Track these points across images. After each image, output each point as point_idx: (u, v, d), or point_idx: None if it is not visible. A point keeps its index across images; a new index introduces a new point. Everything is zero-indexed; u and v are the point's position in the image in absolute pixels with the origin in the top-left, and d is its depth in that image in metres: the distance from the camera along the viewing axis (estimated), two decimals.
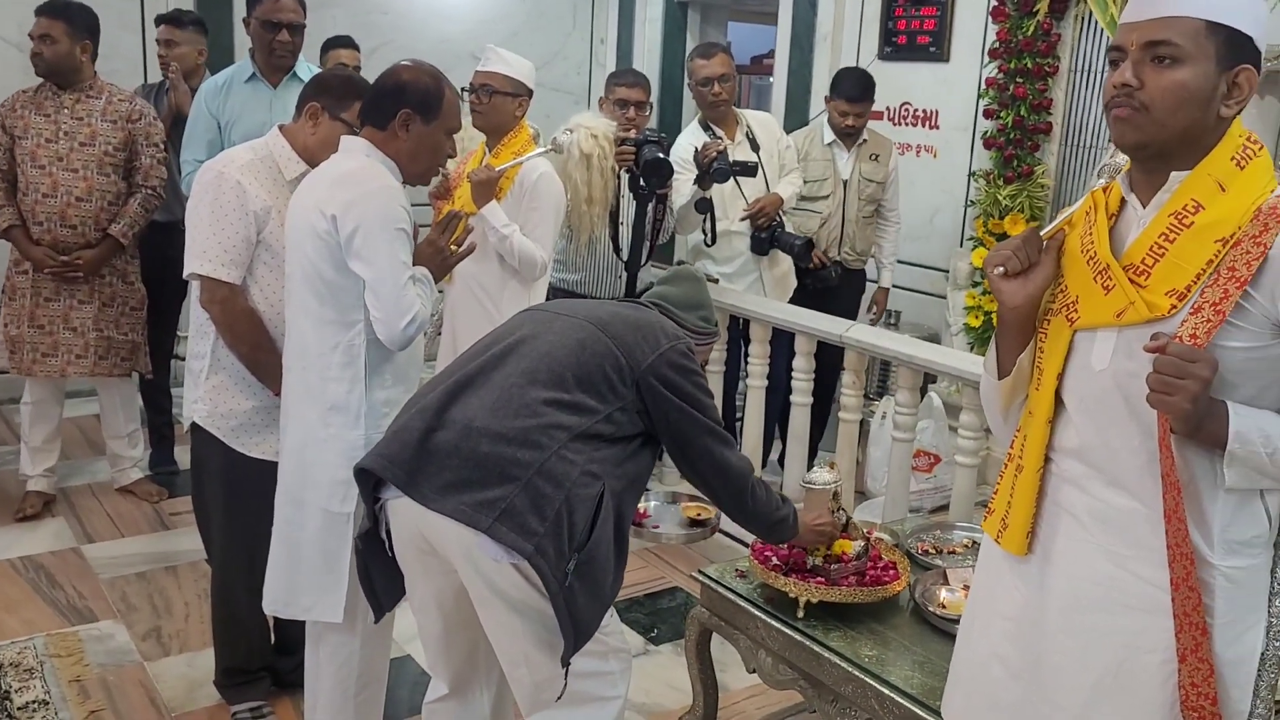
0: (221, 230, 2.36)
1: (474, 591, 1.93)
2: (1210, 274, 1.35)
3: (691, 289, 2.25)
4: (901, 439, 3.20)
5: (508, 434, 1.86)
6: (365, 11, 5.51)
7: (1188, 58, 1.36)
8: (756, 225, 3.94)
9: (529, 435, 1.87)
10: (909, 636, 2.29)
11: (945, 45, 4.70)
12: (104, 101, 3.66)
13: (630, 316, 2.07)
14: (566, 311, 2.07)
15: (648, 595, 3.48)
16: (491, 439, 1.86)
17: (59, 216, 3.57)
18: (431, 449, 1.89)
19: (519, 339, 2.00)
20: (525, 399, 1.90)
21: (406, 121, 2.20)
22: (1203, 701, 1.36)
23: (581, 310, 2.07)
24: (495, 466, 1.85)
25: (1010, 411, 1.61)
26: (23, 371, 3.68)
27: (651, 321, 2.07)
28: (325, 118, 2.43)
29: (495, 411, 1.89)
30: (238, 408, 2.47)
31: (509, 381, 1.93)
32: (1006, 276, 1.49)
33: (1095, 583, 1.45)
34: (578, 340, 1.97)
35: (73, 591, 3.31)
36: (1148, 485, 1.39)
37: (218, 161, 2.42)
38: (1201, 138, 1.39)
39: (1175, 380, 1.29)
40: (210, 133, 3.51)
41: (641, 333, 2.02)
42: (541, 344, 1.97)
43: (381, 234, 2.13)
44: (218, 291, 2.38)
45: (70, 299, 3.65)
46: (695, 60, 3.94)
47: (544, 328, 2.02)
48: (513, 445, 1.86)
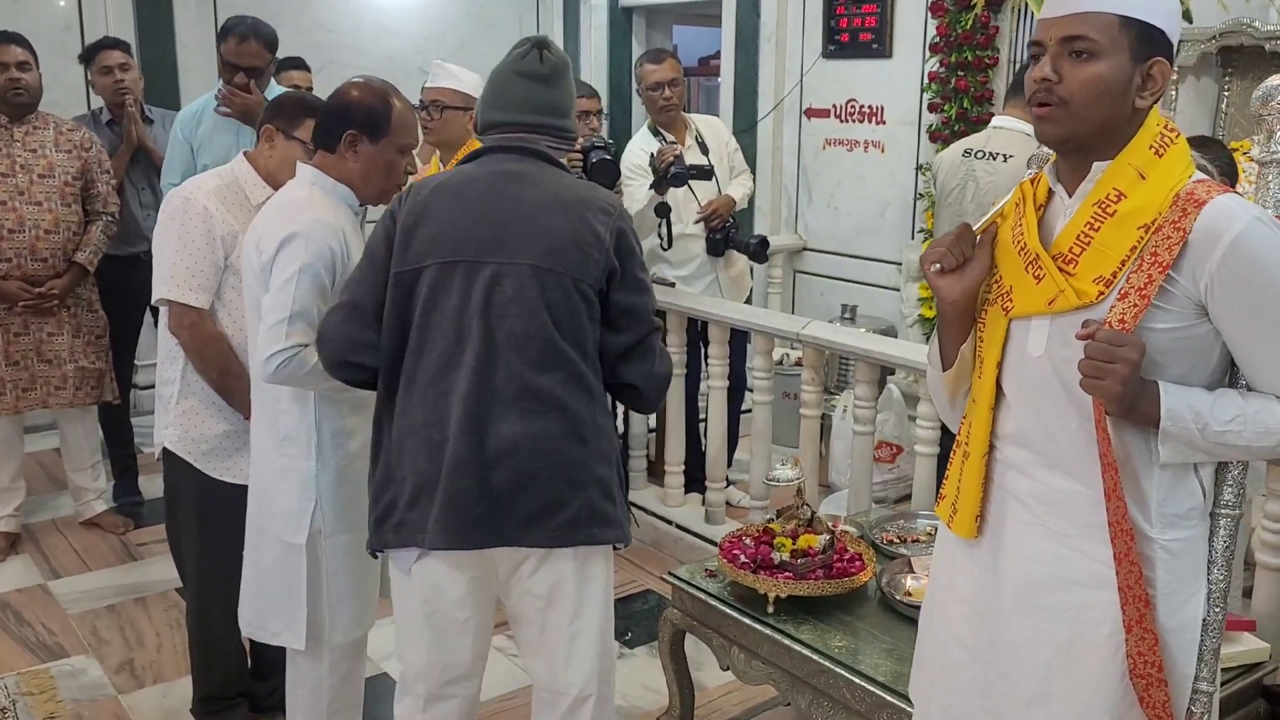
0: (189, 255, 2.38)
1: (564, 593, 1.97)
2: (1134, 260, 1.40)
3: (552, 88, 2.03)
4: (862, 432, 3.25)
5: (548, 442, 1.88)
6: (310, 30, 5.49)
7: (1103, 52, 1.41)
8: (711, 227, 3.98)
9: (566, 430, 1.90)
10: (877, 625, 2.34)
11: (887, 41, 4.78)
12: (53, 132, 3.67)
13: (558, 236, 1.91)
14: (505, 276, 1.89)
15: (620, 600, 3.51)
16: (538, 455, 1.88)
17: (29, 250, 3.57)
18: (497, 495, 1.87)
19: (487, 328, 1.88)
20: (542, 393, 1.88)
21: (354, 142, 2.19)
22: (1149, 669, 1.42)
23: (515, 270, 1.89)
24: (561, 481, 1.90)
25: (957, 401, 1.66)
26: (6, 410, 3.65)
27: (578, 228, 1.92)
28: (280, 138, 2.46)
29: (526, 423, 1.87)
30: (208, 432, 2.47)
31: (516, 384, 1.87)
32: (943, 273, 1.54)
33: (1044, 563, 1.50)
34: (543, 302, 1.88)
35: (42, 628, 3.28)
36: (1087, 466, 1.44)
37: (184, 188, 2.45)
38: (1120, 128, 1.44)
39: (1105, 365, 1.35)
40: (185, 160, 3.53)
41: (582, 249, 1.90)
42: (516, 324, 1.87)
43: (289, 268, 2.09)
44: (185, 316, 2.40)
45: (40, 331, 3.64)
46: (644, 65, 3.98)
47: (502, 308, 1.88)
48: (560, 449, 1.89)
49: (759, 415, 3.56)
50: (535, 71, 1.98)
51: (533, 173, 1.96)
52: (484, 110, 2.03)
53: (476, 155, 2.01)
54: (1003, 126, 3.33)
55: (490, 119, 2.01)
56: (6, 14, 4.57)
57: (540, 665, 2.05)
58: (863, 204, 4.99)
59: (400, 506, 1.91)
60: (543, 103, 1.99)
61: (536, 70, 1.98)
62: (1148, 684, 1.42)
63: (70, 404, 3.74)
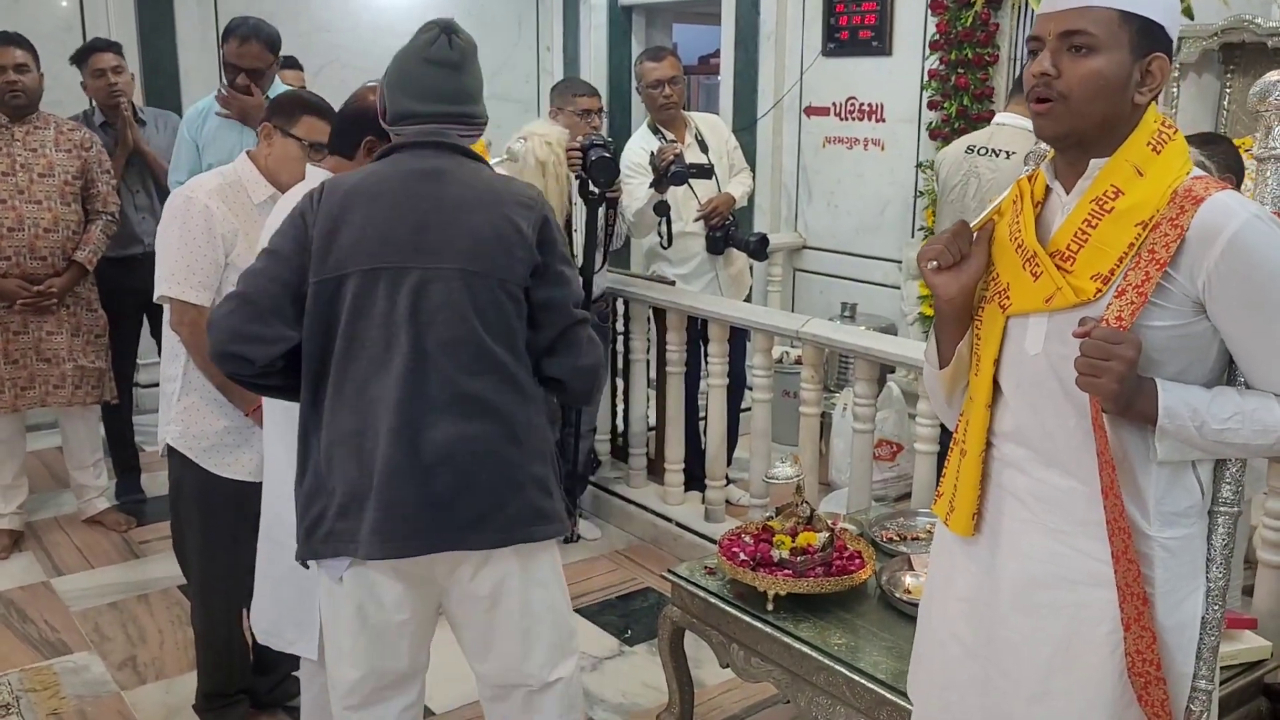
0: (190, 253, 2.40)
1: (509, 590, 1.94)
2: (1132, 257, 1.40)
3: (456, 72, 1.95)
4: (862, 430, 3.25)
5: (484, 445, 1.86)
6: (309, 31, 5.49)
7: (1102, 47, 1.41)
8: (710, 225, 3.99)
9: (502, 433, 1.87)
10: (877, 623, 2.34)
11: (887, 39, 4.77)
12: (54, 131, 3.68)
13: (481, 236, 1.87)
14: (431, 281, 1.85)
15: (620, 597, 3.51)
16: (475, 459, 1.85)
17: (28, 249, 3.57)
18: (435, 502, 1.84)
19: (416, 335, 1.83)
20: (475, 397, 1.85)
21: (371, 148, 2.17)
22: (1148, 667, 1.42)
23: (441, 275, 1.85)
24: (499, 482, 1.88)
25: (953, 398, 1.66)
26: (5, 409, 3.65)
27: (500, 226, 1.88)
28: (278, 136, 2.48)
29: (460, 428, 1.84)
30: (210, 428, 2.49)
31: (448, 390, 1.83)
32: (939, 270, 1.54)
33: (1041, 560, 1.51)
34: (471, 306, 1.85)
35: (45, 625, 3.29)
36: (1084, 464, 1.44)
37: (186, 186, 2.47)
38: (1118, 125, 1.44)
39: (1101, 362, 1.35)
40: (192, 158, 3.57)
41: (506, 248, 1.88)
42: (445, 330, 1.84)
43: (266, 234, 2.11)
44: (186, 314, 2.42)
45: (39, 330, 3.65)
46: (644, 64, 3.98)
47: (430, 314, 1.84)
48: (496, 451, 1.87)
49: (758, 413, 3.56)
50: (445, 58, 1.90)
51: (449, 169, 1.91)
52: (394, 100, 1.93)
53: (388, 152, 1.94)
54: (1006, 124, 3.33)
55: (403, 109, 1.92)
56: (7, 14, 4.57)
57: (491, 665, 2.01)
58: (863, 202, 4.99)
59: (329, 516, 1.86)
60: (456, 91, 1.92)
61: (446, 56, 1.90)
62: (1146, 682, 1.42)
63: (69, 403, 3.75)
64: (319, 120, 2.48)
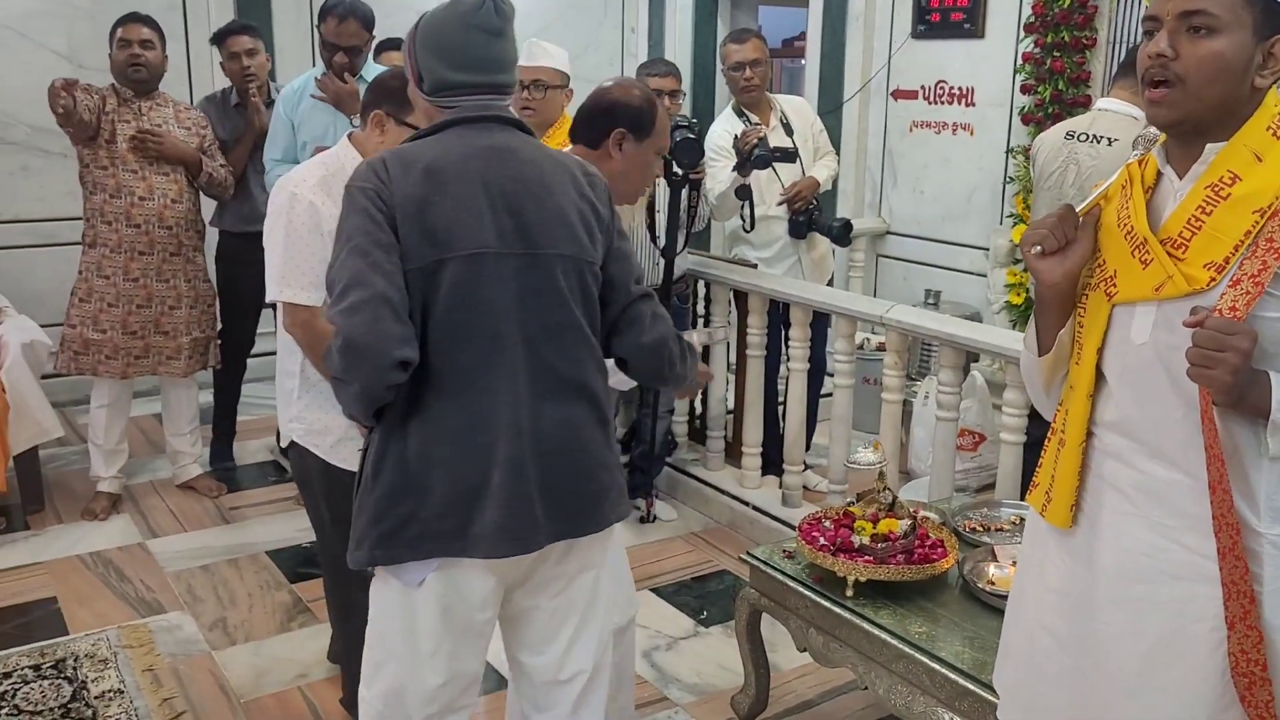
0: (297, 253, 2.32)
1: (588, 577, 1.92)
2: (1248, 245, 1.36)
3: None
4: (945, 418, 3.21)
5: (585, 431, 1.84)
6: (394, 11, 5.53)
7: (1224, 27, 1.36)
8: (794, 209, 3.96)
9: (596, 416, 1.86)
10: (958, 613, 2.32)
11: (980, 21, 4.67)
12: (173, 110, 3.84)
13: (568, 217, 1.82)
14: (533, 266, 1.79)
15: (695, 579, 3.53)
16: (580, 446, 1.83)
17: (156, 218, 3.73)
18: (552, 493, 1.80)
19: (523, 322, 1.78)
20: (576, 383, 1.83)
21: (620, 141, 2.18)
22: (1253, 667, 1.38)
23: (541, 260, 1.80)
24: (599, 466, 1.86)
25: (1052, 387, 1.63)
26: (115, 374, 3.80)
27: (580, 205, 1.84)
28: (392, 124, 2.35)
29: (566, 415, 1.82)
30: (333, 424, 2.39)
31: (554, 377, 1.80)
32: (1043, 255, 1.51)
33: (1142, 554, 1.47)
34: (569, 289, 1.81)
35: (141, 585, 3.42)
36: (1191, 457, 1.40)
37: (290, 181, 2.38)
38: (1237, 109, 1.39)
39: (1214, 353, 1.31)
40: (286, 136, 3.68)
41: (588, 229, 1.84)
42: (549, 316, 1.80)
43: None
44: (298, 315, 2.35)
45: (161, 304, 3.79)
46: (728, 46, 3.96)
47: (535, 299, 1.79)
48: (594, 436, 1.85)
49: (839, 399, 3.54)
50: (491, 24, 1.78)
51: (518, 146, 1.83)
52: (432, 70, 1.80)
53: (444, 126, 1.81)
54: (1108, 109, 3.24)
55: (446, 79, 1.80)
56: None
57: (549, 655, 1.95)
58: (949, 188, 4.91)
59: (423, 517, 1.75)
60: (500, 60, 1.82)
61: (492, 23, 1.78)
62: (1250, 682, 1.38)
63: (184, 374, 3.91)
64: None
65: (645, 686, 2.88)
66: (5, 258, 4.78)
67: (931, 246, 5.01)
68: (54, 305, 4.66)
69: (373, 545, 1.78)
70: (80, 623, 3.17)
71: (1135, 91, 3.13)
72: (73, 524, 3.83)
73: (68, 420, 4.70)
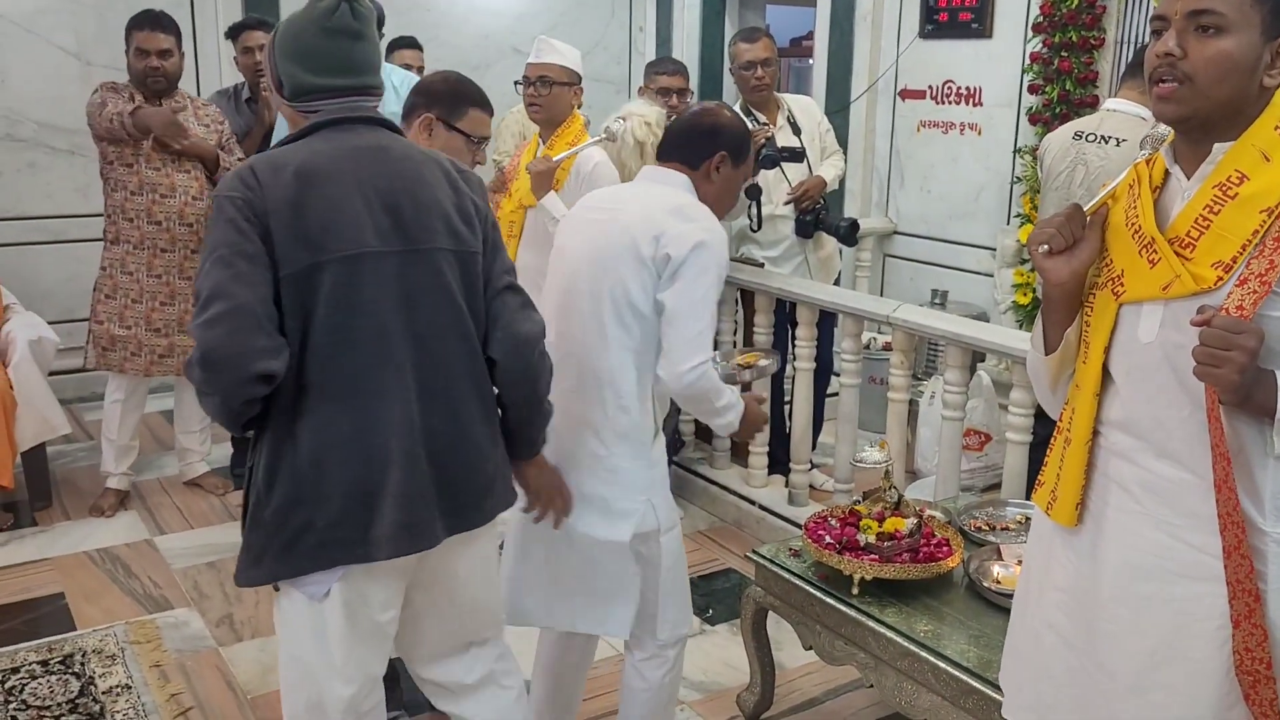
0: None
1: (484, 559, 2.01)
2: (1256, 245, 1.36)
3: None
4: (952, 417, 3.21)
5: (475, 427, 1.89)
6: (409, 9, 5.58)
7: (1232, 27, 1.36)
8: (801, 208, 3.96)
9: (483, 411, 1.91)
10: (964, 611, 2.32)
11: (988, 21, 4.67)
12: (191, 108, 3.85)
13: (445, 211, 1.84)
14: (415, 263, 1.79)
15: (702, 577, 3.53)
16: (470, 440, 1.89)
17: (178, 215, 3.73)
18: (447, 488, 1.85)
19: (409, 321, 1.79)
20: (465, 378, 1.86)
21: (719, 164, 2.20)
22: (1258, 666, 1.38)
23: (423, 256, 1.80)
24: (486, 459, 1.94)
25: (1058, 385, 1.63)
26: (138, 371, 3.81)
27: (456, 198, 1.86)
28: (441, 128, 2.28)
29: (456, 410, 1.86)
30: None
31: (444, 375, 1.83)
32: (1051, 254, 1.51)
33: (1147, 552, 1.47)
34: (454, 285, 1.83)
35: (148, 581, 3.43)
36: (1198, 455, 1.40)
37: None
38: (1245, 108, 1.39)
39: (1221, 352, 1.31)
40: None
41: (467, 221, 1.85)
42: (435, 313, 1.81)
43: (702, 277, 2.06)
44: None
45: (185, 301, 3.79)
46: (738, 45, 3.96)
47: (419, 297, 1.79)
48: (483, 431, 1.91)
49: (845, 398, 3.54)
50: (348, 27, 1.78)
51: (388, 144, 1.82)
52: (293, 75, 1.79)
53: (310, 130, 1.79)
54: (1116, 109, 3.24)
55: (306, 84, 1.79)
56: None
57: (445, 639, 1.99)
58: (956, 187, 4.91)
59: (322, 525, 1.71)
60: (363, 62, 1.81)
61: (349, 26, 1.78)
62: (1255, 681, 1.38)
63: None
64: (484, 114, 2.33)
65: None
66: (13, 255, 4.79)
67: (938, 246, 5.01)
68: (61, 302, 4.70)
69: (273, 560, 1.74)
70: (88, 619, 3.19)
71: (1143, 92, 3.13)
72: (80, 520, 3.84)
73: (75, 417, 4.72)
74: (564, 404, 2.12)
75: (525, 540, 2.26)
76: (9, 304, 4.07)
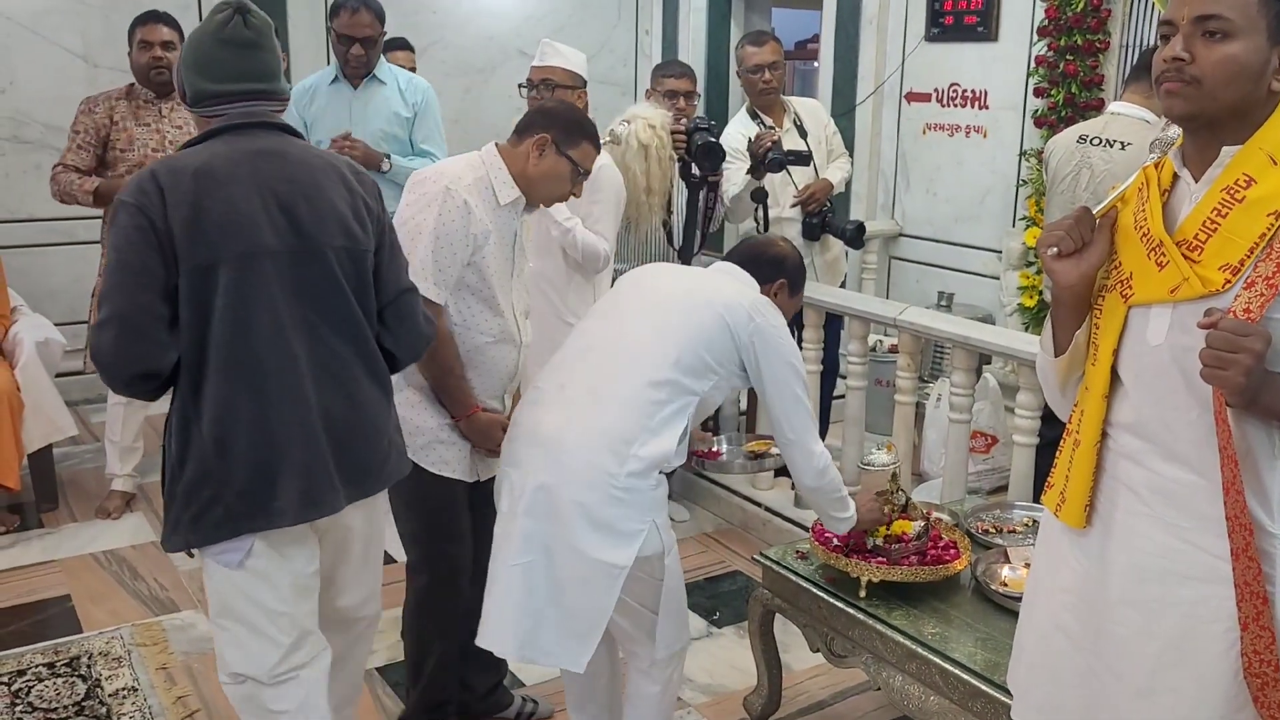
0: (442, 250, 2.28)
1: (378, 527, 2.20)
2: (1263, 248, 1.36)
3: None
4: (958, 420, 3.21)
5: (371, 406, 2.07)
6: (414, 11, 5.60)
7: (1239, 31, 1.37)
8: (808, 211, 3.96)
9: (379, 392, 2.09)
10: (971, 614, 2.32)
11: (993, 24, 4.67)
12: (185, 108, 3.80)
13: (339, 211, 1.99)
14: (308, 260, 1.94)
15: (708, 579, 3.53)
16: (366, 417, 2.07)
17: None
18: (343, 460, 2.02)
19: (303, 313, 1.95)
20: (357, 362, 2.03)
21: (780, 289, 2.37)
22: (1266, 668, 1.38)
23: (317, 253, 1.96)
24: (382, 432, 2.11)
25: (1067, 388, 1.63)
26: None
27: (351, 199, 2.03)
28: (552, 151, 2.37)
29: (351, 391, 2.06)
30: (426, 424, 2.38)
31: (338, 360, 2.01)
32: (1060, 256, 1.51)
33: (1155, 555, 1.47)
34: (345, 280, 1.99)
35: (154, 583, 3.44)
36: (1206, 458, 1.41)
37: (443, 176, 2.33)
38: (1252, 112, 1.40)
39: (1228, 355, 1.31)
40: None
41: (360, 221, 2.01)
42: (327, 305, 1.98)
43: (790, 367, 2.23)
44: (428, 310, 2.25)
45: None
46: (746, 48, 3.97)
47: (313, 291, 1.95)
48: (379, 409, 2.11)
49: (852, 401, 3.54)
50: (240, 38, 1.93)
51: (285, 149, 1.96)
52: (193, 83, 1.94)
53: (210, 135, 1.93)
54: (1121, 113, 3.24)
55: (203, 90, 1.94)
56: None
57: (351, 596, 2.17)
58: (962, 190, 4.91)
59: (227, 500, 1.87)
60: (256, 70, 1.95)
61: (242, 36, 1.93)
62: (1263, 683, 1.38)
63: None
64: (594, 150, 2.44)
65: None
66: (20, 256, 4.80)
67: (944, 249, 5.01)
68: (68, 303, 4.71)
69: (186, 529, 1.91)
70: (94, 621, 3.19)
71: (1147, 95, 3.13)
72: (87, 522, 3.85)
73: (82, 419, 4.73)
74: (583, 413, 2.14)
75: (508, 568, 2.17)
76: (16, 305, 4.08)
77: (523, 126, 2.43)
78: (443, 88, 5.19)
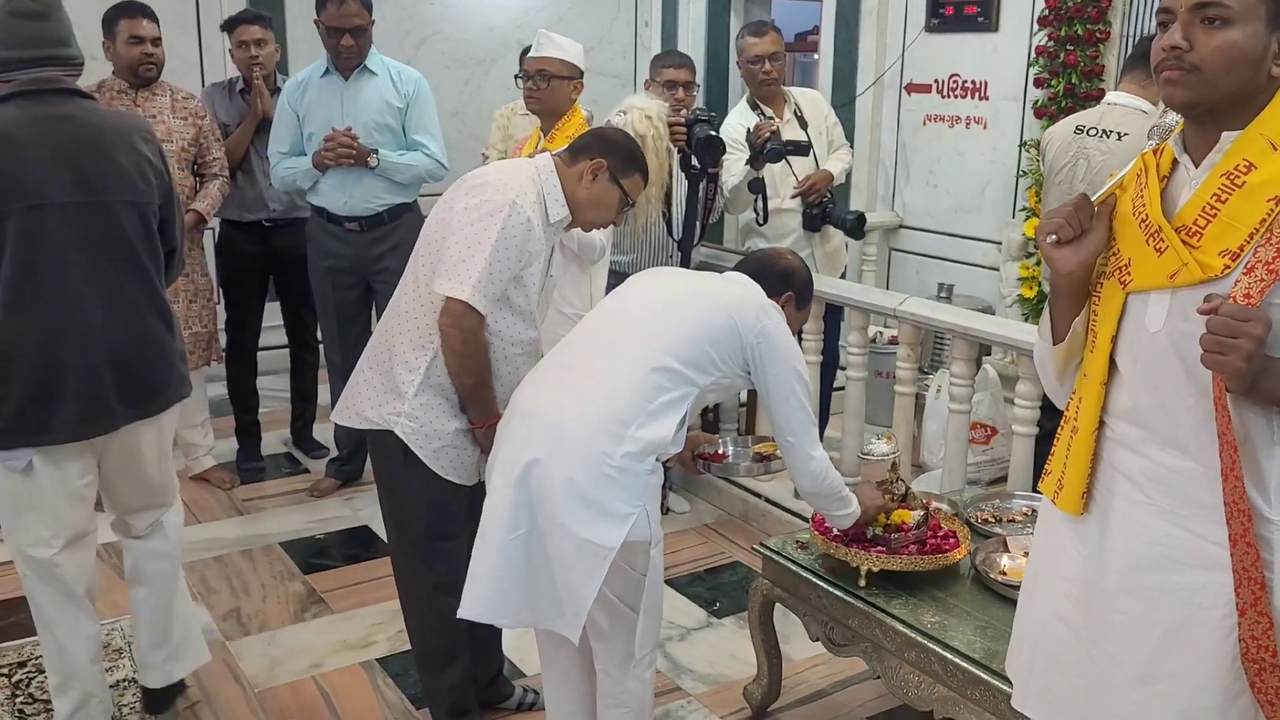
0: (497, 261, 2.26)
1: (162, 441, 2.58)
2: (1263, 233, 1.36)
3: None
4: (958, 410, 3.21)
5: (151, 337, 2.43)
6: (414, 2, 5.59)
7: (1238, 18, 1.36)
8: (808, 202, 3.96)
9: (161, 326, 2.45)
10: (970, 603, 2.32)
11: (994, 15, 4.66)
12: (169, 99, 3.80)
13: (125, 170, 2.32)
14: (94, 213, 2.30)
15: (708, 570, 3.54)
16: (147, 347, 2.43)
17: None
18: (122, 385, 2.37)
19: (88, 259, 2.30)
20: (139, 300, 2.38)
21: (788, 302, 2.38)
22: (1263, 654, 1.38)
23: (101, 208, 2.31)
24: (164, 360, 2.46)
25: (1065, 376, 1.63)
26: None
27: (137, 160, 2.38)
28: (605, 177, 2.39)
29: (132, 323, 2.39)
30: (443, 428, 2.36)
31: (119, 298, 2.36)
32: (1059, 243, 1.51)
33: (1153, 542, 1.48)
34: (129, 231, 2.35)
35: None
36: (1203, 444, 1.41)
37: (508, 187, 2.30)
38: (1252, 98, 1.39)
39: (1229, 340, 1.31)
40: (292, 129, 3.70)
41: (143, 176, 2.35)
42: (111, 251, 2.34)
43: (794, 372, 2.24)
44: (466, 319, 2.27)
45: (185, 301, 3.79)
46: (746, 38, 3.96)
47: (97, 239, 2.29)
48: (160, 340, 2.46)
49: (852, 392, 3.54)
50: (29, 9, 2.22)
51: (75, 112, 2.27)
52: None
53: (7, 98, 2.22)
54: (1117, 103, 3.23)
55: (1, 57, 2.23)
56: None
57: (134, 498, 2.53)
58: (962, 181, 4.90)
59: (6, 416, 2.23)
60: (46, 37, 2.25)
61: (30, 8, 2.22)
62: (1260, 669, 1.38)
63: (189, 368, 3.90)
64: (644, 183, 2.50)
65: (658, 676, 2.88)
66: None
67: (944, 240, 5.00)
68: None
69: None
70: None
71: (1144, 84, 3.12)
72: None
73: None
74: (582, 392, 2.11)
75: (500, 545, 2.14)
76: None
77: (578, 148, 2.44)
78: (442, 80, 5.19)
